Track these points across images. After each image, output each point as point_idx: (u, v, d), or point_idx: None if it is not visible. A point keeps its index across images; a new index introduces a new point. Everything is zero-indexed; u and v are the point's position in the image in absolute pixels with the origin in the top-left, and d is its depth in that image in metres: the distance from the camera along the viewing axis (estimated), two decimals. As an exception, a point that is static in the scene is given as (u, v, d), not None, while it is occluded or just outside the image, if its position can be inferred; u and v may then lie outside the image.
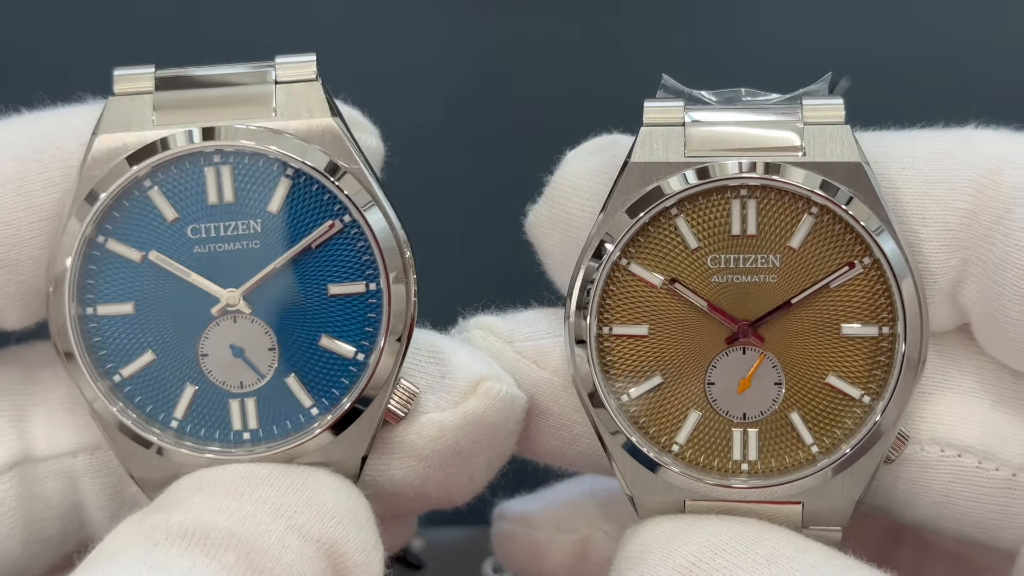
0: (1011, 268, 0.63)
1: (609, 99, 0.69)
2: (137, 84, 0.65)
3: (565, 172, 0.69)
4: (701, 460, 0.66)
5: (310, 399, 0.66)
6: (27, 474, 0.68)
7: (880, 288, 0.64)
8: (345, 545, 0.61)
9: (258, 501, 0.60)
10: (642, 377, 0.66)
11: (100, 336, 0.65)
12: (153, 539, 0.58)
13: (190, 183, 0.65)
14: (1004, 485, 0.67)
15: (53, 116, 0.67)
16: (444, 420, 0.66)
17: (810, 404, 0.65)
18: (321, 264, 0.65)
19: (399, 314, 0.65)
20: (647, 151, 0.65)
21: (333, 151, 0.64)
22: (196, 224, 0.65)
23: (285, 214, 0.65)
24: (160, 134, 0.64)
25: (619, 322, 0.66)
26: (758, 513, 0.66)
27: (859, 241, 0.64)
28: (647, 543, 0.64)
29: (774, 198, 0.64)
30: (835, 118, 0.65)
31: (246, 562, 0.57)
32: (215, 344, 0.65)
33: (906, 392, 0.64)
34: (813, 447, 0.65)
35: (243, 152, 0.64)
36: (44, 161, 0.64)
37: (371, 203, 0.64)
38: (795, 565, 0.61)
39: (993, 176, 0.64)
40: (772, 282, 0.64)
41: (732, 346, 0.65)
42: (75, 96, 0.69)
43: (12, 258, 0.65)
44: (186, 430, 0.66)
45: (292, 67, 0.66)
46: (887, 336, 0.64)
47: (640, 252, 0.65)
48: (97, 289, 0.65)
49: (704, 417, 0.66)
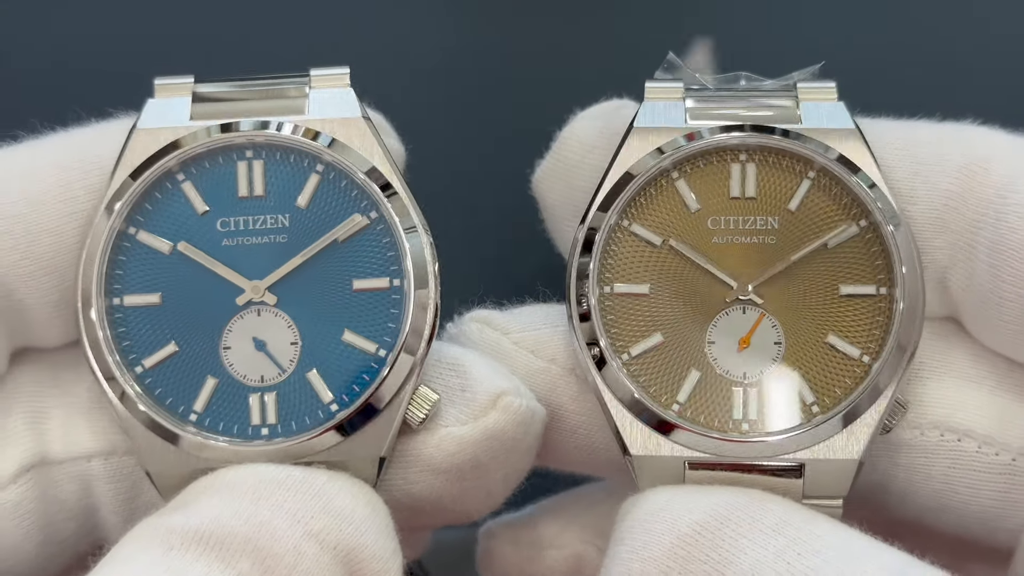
0: (1006, 250, 0.64)
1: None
2: (176, 92, 0.69)
3: (572, 128, 0.71)
4: (701, 419, 0.66)
5: (330, 394, 0.65)
6: (44, 477, 0.67)
7: (877, 249, 0.66)
8: (362, 552, 0.60)
9: (275, 506, 0.59)
10: (643, 336, 0.66)
11: (125, 327, 0.66)
12: (168, 543, 0.57)
13: (222, 177, 0.67)
14: (1004, 470, 0.66)
15: (91, 128, 0.70)
16: (464, 434, 0.65)
17: (810, 363, 0.65)
18: (347, 259, 0.66)
19: (421, 311, 0.65)
20: (650, 119, 0.68)
21: (362, 149, 0.67)
22: (226, 217, 0.66)
23: (313, 209, 0.66)
24: (194, 128, 0.67)
25: (620, 281, 0.67)
26: (760, 484, 0.65)
27: (856, 203, 0.66)
28: (651, 511, 0.63)
29: (773, 162, 0.66)
30: (828, 97, 0.68)
31: (261, 568, 0.57)
32: (238, 337, 0.66)
33: (903, 351, 0.64)
34: (814, 406, 0.65)
35: (275, 147, 0.67)
36: (85, 168, 0.67)
37: (397, 199, 0.66)
38: (802, 535, 0.59)
39: (983, 163, 0.66)
40: (771, 243, 0.66)
41: (732, 306, 0.66)
42: (108, 114, 0.71)
43: (56, 264, 0.66)
44: (205, 423, 0.65)
45: (326, 78, 0.69)
46: (885, 296, 0.65)
47: (641, 213, 0.67)
48: (125, 279, 0.66)
49: (704, 376, 0.66)
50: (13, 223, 0.65)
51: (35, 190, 0.66)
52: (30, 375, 0.69)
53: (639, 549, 0.61)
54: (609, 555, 0.63)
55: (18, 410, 0.68)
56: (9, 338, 0.67)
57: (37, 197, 0.65)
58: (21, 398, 0.68)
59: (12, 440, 0.67)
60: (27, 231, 0.65)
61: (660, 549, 0.60)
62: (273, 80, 0.69)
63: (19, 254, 0.65)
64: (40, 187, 0.66)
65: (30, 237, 0.65)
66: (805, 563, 0.58)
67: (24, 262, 0.65)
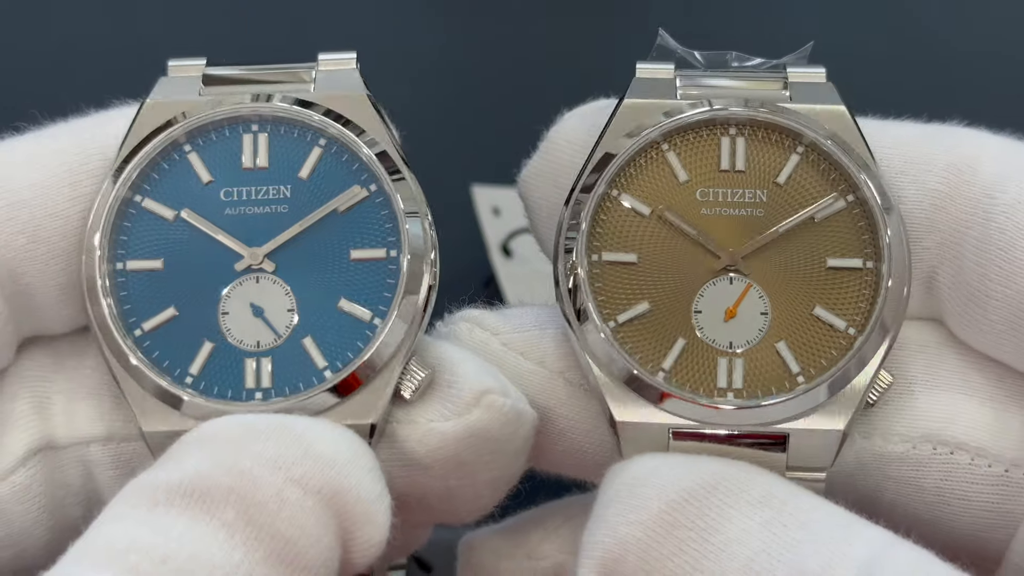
0: (993, 250, 0.64)
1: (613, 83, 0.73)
2: (188, 72, 0.70)
3: (560, 127, 0.72)
4: (688, 387, 0.66)
5: (324, 360, 0.66)
6: (51, 460, 0.68)
7: (865, 224, 0.66)
8: (347, 495, 0.60)
9: (256, 455, 0.60)
10: (630, 304, 0.67)
11: (127, 291, 0.67)
12: (154, 499, 0.57)
13: (227, 148, 0.68)
14: (997, 482, 0.66)
15: (92, 117, 0.71)
16: (446, 430, 0.65)
17: (796, 334, 0.66)
18: (345, 229, 0.67)
19: (415, 279, 0.66)
20: (641, 93, 0.68)
21: (365, 124, 0.68)
22: (229, 187, 0.68)
23: (315, 180, 0.68)
24: (201, 102, 0.68)
25: (608, 249, 0.67)
26: (745, 456, 0.64)
27: (844, 178, 0.66)
28: (638, 477, 0.62)
29: (762, 136, 0.67)
30: (818, 80, 0.69)
31: (245, 517, 0.57)
32: (236, 302, 0.67)
33: (888, 325, 0.65)
34: (799, 376, 0.65)
35: (280, 120, 0.68)
36: (88, 154, 0.68)
37: (399, 176, 0.67)
38: (788, 507, 0.59)
39: (971, 162, 0.67)
40: (759, 216, 0.66)
41: (719, 276, 0.66)
42: (110, 103, 0.73)
43: (63, 248, 0.67)
44: (200, 386, 0.66)
45: (333, 61, 0.70)
46: (871, 270, 0.66)
47: (631, 183, 0.67)
48: (129, 245, 0.67)
49: (690, 344, 0.66)
50: (19, 209, 0.66)
51: (39, 177, 0.67)
52: (35, 360, 0.70)
53: (626, 512, 0.61)
54: (594, 517, 0.63)
55: (24, 394, 0.68)
56: (18, 324, 0.68)
57: (41, 183, 0.67)
58: (27, 382, 0.69)
59: (20, 424, 0.68)
60: (32, 216, 0.66)
61: (648, 513, 0.60)
62: (282, 65, 0.70)
63: (26, 238, 0.66)
64: (44, 173, 0.67)
65: (36, 222, 0.66)
66: (791, 535, 0.58)
67: (31, 246, 0.66)
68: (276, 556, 0.57)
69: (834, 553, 0.56)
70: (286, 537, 0.57)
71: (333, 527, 0.59)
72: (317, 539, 0.58)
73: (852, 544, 0.57)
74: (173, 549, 0.54)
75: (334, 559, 0.59)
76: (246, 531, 0.56)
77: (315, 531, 0.58)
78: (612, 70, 0.71)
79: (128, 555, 0.54)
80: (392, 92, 0.72)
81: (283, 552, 0.57)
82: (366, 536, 0.60)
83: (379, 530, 0.61)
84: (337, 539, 0.60)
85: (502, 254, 1.05)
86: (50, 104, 0.72)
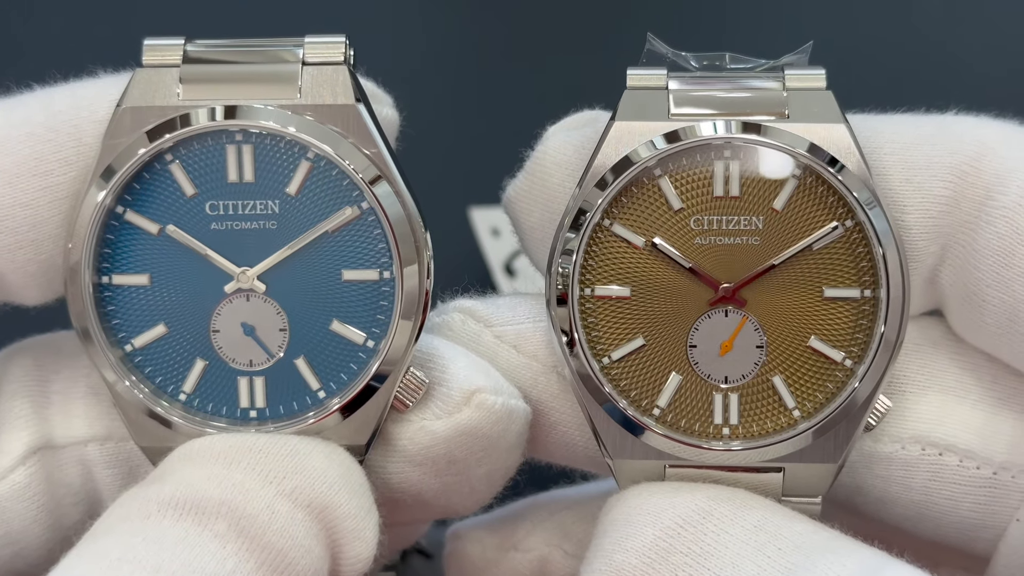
0: (991, 255, 0.63)
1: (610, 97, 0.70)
2: (165, 56, 0.66)
3: (546, 147, 0.69)
4: (682, 424, 0.65)
5: (318, 382, 0.66)
6: (50, 459, 0.68)
7: (863, 251, 0.64)
8: (336, 510, 0.61)
9: (247, 468, 0.61)
10: (624, 340, 0.65)
11: (114, 305, 0.66)
12: (146, 511, 0.58)
13: (211, 160, 0.65)
14: (985, 483, 0.66)
15: (66, 93, 0.67)
16: (436, 429, 0.65)
17: (793, 367, 0.65)
18: (336, 249, 0.65)
19: (411, 302, 0.65)
20: (631, 112, 0.65)
21: (354, 136, 0.64)
22: (214, 201, 0.65)
23: (303, 197, 0.65)
24: (183, 109, 0.64)
25: (601, 283, 0.65)
26: (739, 482, 0.65)
27: (842, 203, 0.64)
28: (634, 506, 0.63)
29: (756, 161, 0.64)
30: (817, 85, 0.65)
31: (236, 529, 0.58)
32: (227, 321, 0.66)
33: (887, 354, 0.64)
34: (795, 411, 0.65)
35: (265, 133, 0.64)
36: (58, 141, 0.65)
37: (389, 191, 0.64)
38: (783, 532, 0.60)
39: (974, 163, 0.64)
40: (755, 244, 0.64)
41: (714, 308, 0.65)
42: (88, 71, 0.69)
43: (33, 238, 0.65)
44: (194, 404, 0.66)
45: (320, 47, 0.66)
46: (869, 299, 0.64)
47: (623, 213, 0.65)
48: (113, 259, 0.66)
49: (686, 380, 0.65)
50: None
51: (8, 163, 0.64)
52: (34, 359, 0.70)
53: (621, 540, 0.62)
54: (592, 548, 0.64)
55: (24, 393, 0.69)
56: None
57: (10, 170, 0.64)
58: (26, 382, 0.69)
59: (19, 423, 0.68)
60: (0, 205, 0.64)
61: (643, 541, 0.61)
62: (265, 54, 0.66)
63: None
64: (13, 160, 0.64)
65: (3, 211, 0.64)
66: (786, 559, 0.59)
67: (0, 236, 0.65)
68: (267, 566, 0.58)
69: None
70: (277, 548, 0.59)
71: (323, 539, 0.61)
72: (307, 550, 0.60)
73: (846, 565, 0.58)
74: (166, 559, 0.56)
75: (323, 570, 0.61)
76: (238, 542, 0.58)
77: (305, 542, 0.60)
78: (613, 73, 0.68)
79: (121, 565, 0.56)
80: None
81: (274, 563, 0.59)
82: (355, 552, 0.62)
83: (367, 546, 0.63)
84: (327, 551, 0.61)
85: (506, 274, 1.03)
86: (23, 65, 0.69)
